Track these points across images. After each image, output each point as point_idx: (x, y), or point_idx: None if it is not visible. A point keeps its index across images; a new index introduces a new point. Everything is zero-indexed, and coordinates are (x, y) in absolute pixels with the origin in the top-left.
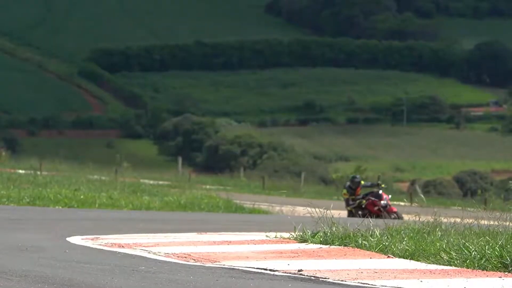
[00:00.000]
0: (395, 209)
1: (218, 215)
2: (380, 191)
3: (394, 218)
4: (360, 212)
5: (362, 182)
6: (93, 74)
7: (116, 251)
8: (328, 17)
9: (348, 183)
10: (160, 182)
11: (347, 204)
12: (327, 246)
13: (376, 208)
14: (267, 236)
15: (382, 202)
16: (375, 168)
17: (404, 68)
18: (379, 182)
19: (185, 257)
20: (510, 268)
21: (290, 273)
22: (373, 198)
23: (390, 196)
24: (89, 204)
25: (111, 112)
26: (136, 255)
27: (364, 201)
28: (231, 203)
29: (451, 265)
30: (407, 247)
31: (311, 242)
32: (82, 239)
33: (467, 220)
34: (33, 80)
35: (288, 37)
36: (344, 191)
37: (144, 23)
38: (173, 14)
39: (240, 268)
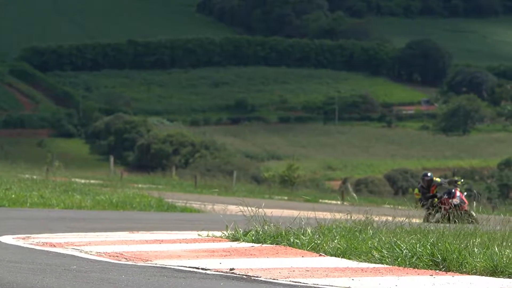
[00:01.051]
0: (466, 208)
1: (150, 214)
2: (453, 189)
3: (469, 220)
4: (432, 212)
5: (438, 180)
6: (25, 73)
7: (48, 250)
8: (259, 16)
9: (420, 183)
10: (92, 181)
11: (422, 205)
12: (259, 244)
13: (447, 207)
14: (199, 234)
15: (453, 200)
16: (307, 167)
17: (335, 67)
18: (456, 178)
19: (117, 256)
20: (441, 266)
21: (222, 272)
22: (445, 196)
23: (465, 193)
24: (20, 203)
25: (42, 111)
26: (67, 254)
27: (436, 199)
28: (163, 202)
29: (382, 263)
30: (338, 246)
31: (243, 241)
32: (13, 238)
33: (399, 218)
34: None
35: (219, 36)
36: (416, 190)
37: (76, 22)
38: (105, 13)
39: (172, 267)
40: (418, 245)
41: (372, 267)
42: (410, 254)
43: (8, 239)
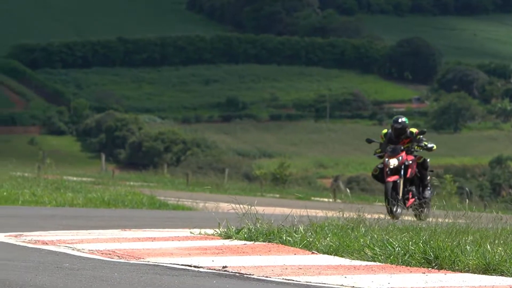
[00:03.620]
0: (392, 178)
1: (142, 211)
2: (400, 147)
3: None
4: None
5: (413, 131)
6: (15, 71)
7: (40, 248)
8: (250, 13)
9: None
10: (84, 179)
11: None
12: (252, 242)
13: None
14: (191, 232)
15: (389, 161)
16: (299, 165)
17: (326, 64)
18: (421, 138)
19: (110, 254)
20: (434, 264)
21: (214, 269)
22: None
23: (418, 154)
24: (12, 201)
25: (33, 109)
26: (60, 252)
27: (378, 150)
28: (155, 199)
29: (375, 261)
30: (331, 243)
31: (235, 239)
32: (5, 236)
33: None
34: None
35: (210, 33)
36: (383, 132)
37: (65, 19)
38: (93, 11)
39: (165, 264)
40: (410, 243)
41: (365, 265)
42: (402, 252)
43: (0, 237)
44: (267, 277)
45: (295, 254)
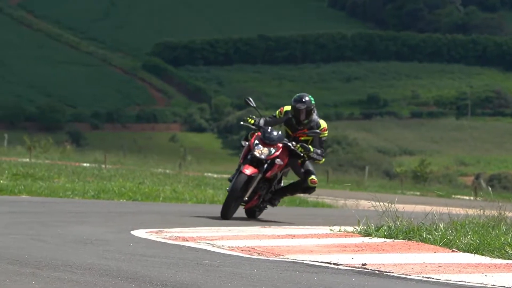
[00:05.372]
0: (251, 171)
1: (282, 208)
2: (281, 134)
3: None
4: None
5: (322, 126)
6: (157, 68)
7: (180, 245)
8: (391, 10)
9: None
10: (224, 176)
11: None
12: (391, 240)
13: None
14: (331, 230)
15: (257, 150)
16: (440, 162)
17: (468, 61)
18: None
19: (249, 251)
20: None
21: (354, 267)
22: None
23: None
24: (153, 197)
25: (175, 106)
26: (200, 249)
27: (253, 121)
28: (294, 196)
29: None
30: (471, 241)
31: (375, 236)
32: (146, 232)
33: None
34: (97, 74)
35: (351, 30)
36: (285, 109)
37: (207, 16)
38: (235, 8)
39: (304, 261)
40: None
41: (506, 263)
42: None
43: (141, 233)
44: (406, 275)
45: (435, 252)
